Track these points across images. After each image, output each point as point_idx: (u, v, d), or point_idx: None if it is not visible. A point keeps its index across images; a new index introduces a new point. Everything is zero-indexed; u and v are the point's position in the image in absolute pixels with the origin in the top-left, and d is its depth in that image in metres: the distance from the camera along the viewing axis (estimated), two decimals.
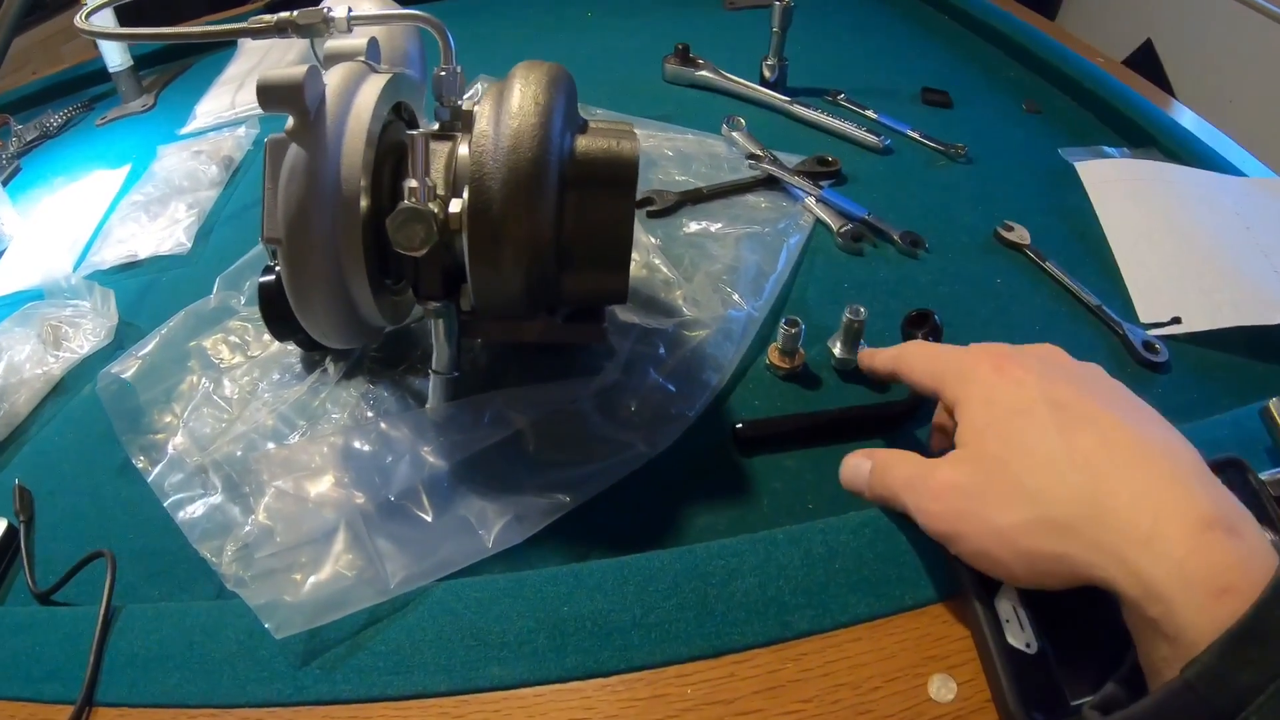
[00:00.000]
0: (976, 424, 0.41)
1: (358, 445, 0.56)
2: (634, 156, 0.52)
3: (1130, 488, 0.35)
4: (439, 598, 0.46)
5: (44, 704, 0.44)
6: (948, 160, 0.90)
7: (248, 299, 0.72)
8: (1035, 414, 0.39)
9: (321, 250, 0.48)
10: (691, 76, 1.04)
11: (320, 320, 0.51)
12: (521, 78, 0.51)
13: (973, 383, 0.43)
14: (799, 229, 0.77)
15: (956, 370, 0.45)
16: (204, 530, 0.54)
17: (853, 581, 0.45)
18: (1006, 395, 0.41)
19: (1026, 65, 1.09)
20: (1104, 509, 0.34)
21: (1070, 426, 0.38)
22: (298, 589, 0.47)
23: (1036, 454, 0.38)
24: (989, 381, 0.42)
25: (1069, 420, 0.38)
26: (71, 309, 0.74)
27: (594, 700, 0.41)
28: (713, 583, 0.45)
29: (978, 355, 0.44)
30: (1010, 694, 0.39)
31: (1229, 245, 0.73)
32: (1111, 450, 0.36)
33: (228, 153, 0.96)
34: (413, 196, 0.48)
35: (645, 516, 0.55)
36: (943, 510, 0.41)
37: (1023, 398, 0.40)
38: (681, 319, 0.66)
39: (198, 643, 0.46)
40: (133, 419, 0.63)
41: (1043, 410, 0.39)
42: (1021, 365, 0.42)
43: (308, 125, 0.47)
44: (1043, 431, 0.38)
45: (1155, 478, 0.35)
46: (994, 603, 0.42)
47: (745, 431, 0.59)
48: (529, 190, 0.48)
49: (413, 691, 0.42)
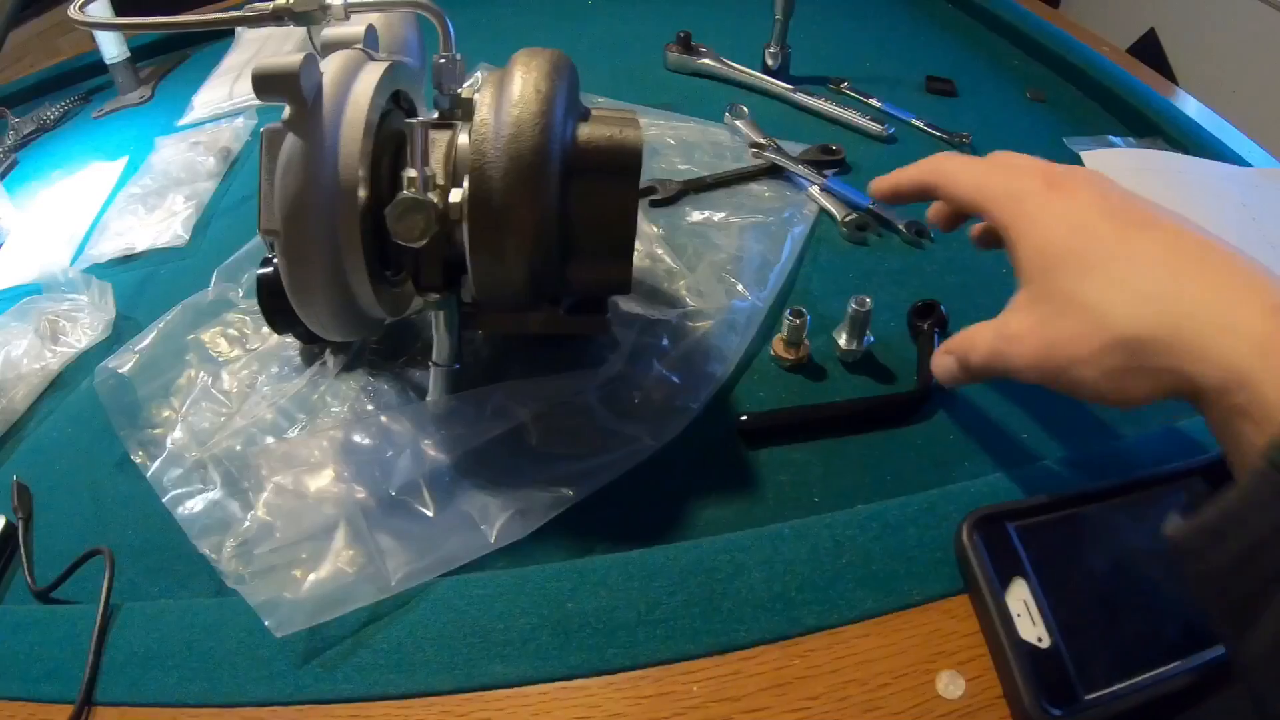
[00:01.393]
0: (1038, 255, 0.40)
1: (358, 439, 0.55)
2: (638, 144, 0.51)
3: (1200, 283, 0.34)
4: (441, 594, 0.46)
5: (43, 704, 0.44)
6: (953, 149, 0.89)
7: (246, 291, 0.71)
8: (1095, 229, 0.38)
9: (320, 241, 0.47)
10: (693, 65, 1.03)
11: (319, 312, 0.50)
12: (523, 65, 0.50)
13: (1026, 201, 0.41)
14: (803, 218, 0.76)
15: (1005, 188, 0.43)
16: (203, 526, 0.53)
17: (860, 577, 0.45)
18: (1063, 213, 0.40)
19: (1031, 54, 1.07)
20: (1178, 312, 0.34)
21: (1131, 233, 0.37)
22: (298, 586, 0.47)
23: (1104, 273, 0.37)
24: (1043, 200, 0.40)
25: (1128, 227, 0.37)
26: (69, 303, 0.73)
27: (599, 698, 0.41)
28: (719, 578, 0.45)
29: (1027, 170, 0.43)
30: (1024, 689, 0.38)
31: (1236, 236, 0.72)
32: (1174, 251, 0.36)
33: (226, 144, 0.95)
34: (412, 186, 0.47)
35: (650, 510, 0.54)
36: (1029, 359, 0.39)
37: (1079, 213, 0.39)
38: (685, 310, 0.66)
39: (197, 641, 0.45)
40: (131, 414, 0.62)
41: (1101, 223, 0.38)
42: (1072, 180, 0.41)
43: (305, 114, 0.46)
44: (1105, 245, 0.37)
45: (1223, 272, 0.34)
46: (1005, 597, 0.41)
47: (750, 423, 0.58)
48: (531, 179, 0.47)
49: (415, 690, 0.42)
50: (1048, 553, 0.43)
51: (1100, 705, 0.38)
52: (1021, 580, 0.42)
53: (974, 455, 0.56)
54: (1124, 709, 0.38)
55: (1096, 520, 0.45)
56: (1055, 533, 0.44)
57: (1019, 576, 0.42)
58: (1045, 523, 0.45)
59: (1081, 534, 0.44)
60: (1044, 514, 0.45)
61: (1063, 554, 0.43)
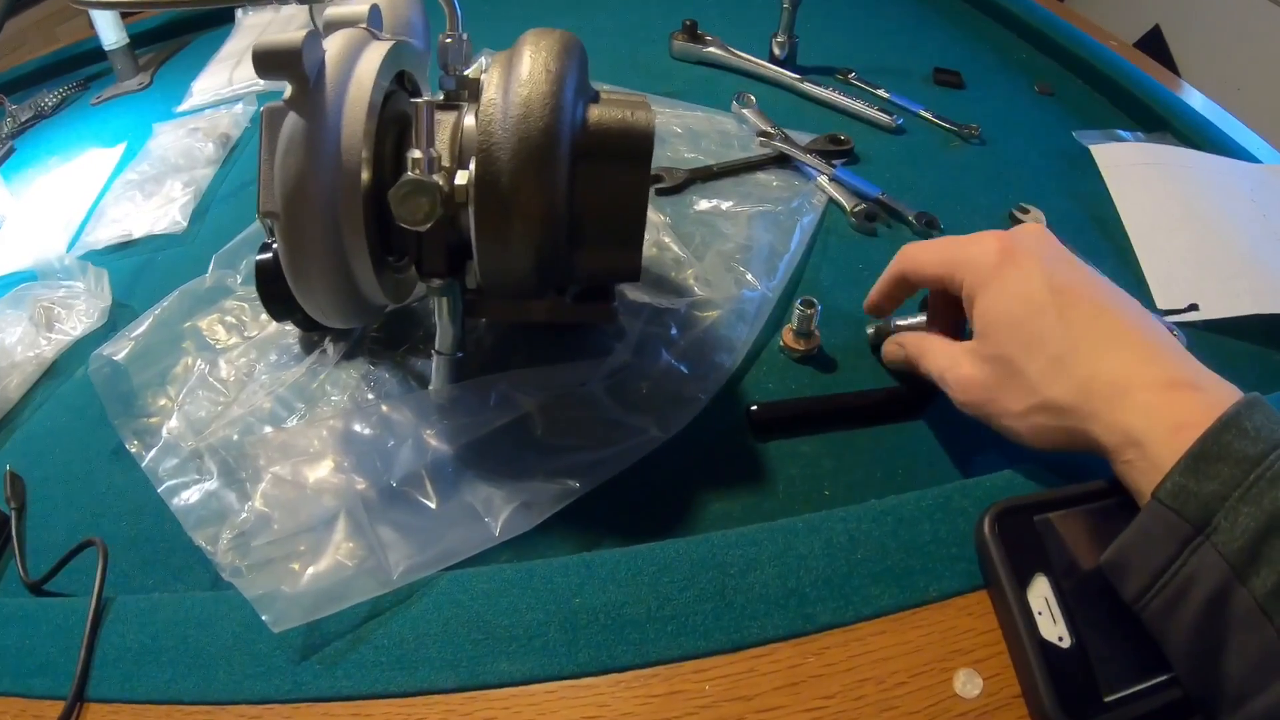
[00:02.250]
0: (991, 318, 0.47)
1: (358, 429, 0.54)
2: (649, 127, 0.50)
3: (1112, 360, 0.42)
4: (444, 589, 0.45)
5: (34, 699, 0.43)
6: (961, 141, 0.88)
7: (244, 278, 0.70)
8: (1041, 304, 0.45)
9: (321, 224, 0.46)
10: (699, 53, 1.01)
11: (319, 298, 0.49)
12: (531, 44, 0.49)
13: (984, 272, 0.48)
14: (812, 208, 0.75)
15: (966, 261, 0.50)
16: (199, 517, 0.52)
17: (875, 572, 0.44)
18: (1017, 286, 0.46)
19: (1038, 47, 1.07)
20: (1091, 385, 0.42)
21: (1066, 312, 0.44)
22: (296, 579, 0.45)
23: (1041, 349, 0.44)
24: (1001, 272, 0.47)
25: (1064, 306, 0.44)
26: (64, 290, 0.72)
27: (608, 697, 0.40)
28: (730, 573, 0.44)
29: (985, 244, 0.49)
30: (1044, 689, 0.38)
31: (1246, 232, 0.72)
32: (1097, 330, 0.44)
33: (225, 130, 0.94)
34: (416, 168, 0.46)
35: (658, 503, 0.53)
36: (968, 400, 0.49)
37: (1031, 287, 0.46)
38: (693, 299, 0.65)
39: (192, 636, 0.44)
40: (125, 402, 0.61)
41: (1046, 298, 0.45)
42: (1027, 253, 0.47)
43: (306, 93, 0.45)
44: (1046, 322, 0.44)
45: (1133, 350, 0.42)
46: (1026, 593, 0.40)
47: (760, 414, 0.57)
48: (540, 161, 0.46)
49: (417, 688, 0.41)
50: (1071, 549, 0.42)
51: (1121, 707, 0.37)
52: (1043, 576, 0.41)
53: (986, 450, 0.55)
54: (1144, 711, 0.38)
55: (1118, 515, 0.43)
56: (1077, 527, 0.43)
57: (1041, 572, 0.41)
58: (1070, 516, 0.43)
59: (1103, 529, 0.43)
60: (1069, 507, 0.44)
61: (1084, 550, 0.42)
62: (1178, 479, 0.37)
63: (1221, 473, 0.36)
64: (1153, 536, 0.37)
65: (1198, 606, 0.35)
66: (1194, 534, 0.36)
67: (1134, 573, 0.38)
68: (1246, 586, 0.34)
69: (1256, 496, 0.35)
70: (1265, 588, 0.34)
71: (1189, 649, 0.36)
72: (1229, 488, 0.35)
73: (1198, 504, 0.36)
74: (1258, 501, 0.35)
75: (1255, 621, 0.34)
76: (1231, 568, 0.35)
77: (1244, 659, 0.34)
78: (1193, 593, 0.36)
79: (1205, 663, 0.36)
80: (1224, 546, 0.35)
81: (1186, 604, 0.36)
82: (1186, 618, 0.36)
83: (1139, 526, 0.38)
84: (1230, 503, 0.35)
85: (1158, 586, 0.37)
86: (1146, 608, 0.38)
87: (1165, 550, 0.37)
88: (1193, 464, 0.36)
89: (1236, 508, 0.35)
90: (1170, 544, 0.36)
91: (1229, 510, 0.35)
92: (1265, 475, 0.35)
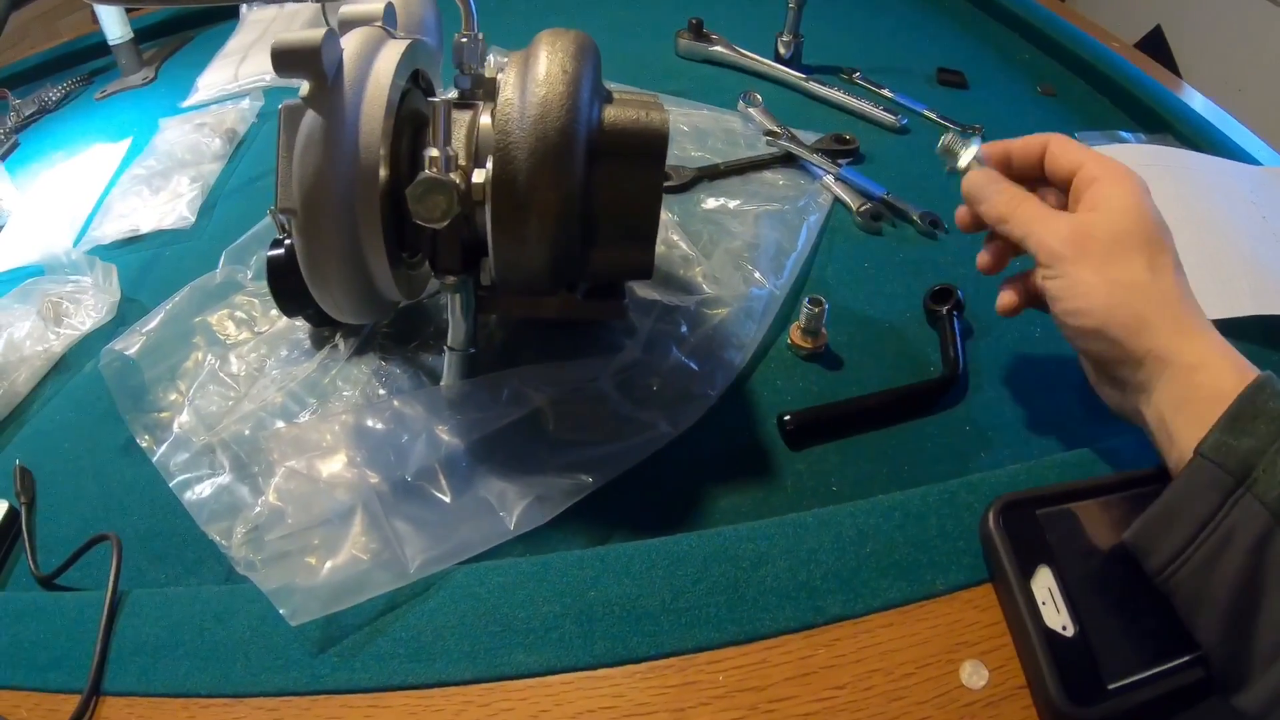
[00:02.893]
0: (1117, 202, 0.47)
1: (371, 423, 0.54)
2: (664, 127, 0.50)
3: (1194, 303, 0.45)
4: (461, 582, 0.45)
5: (49, 693, 0.43)
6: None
7: (255, 273, 0.70)
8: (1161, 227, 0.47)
9: (338, 220, 0.46)
10: (705, 52, 1.02)
11: (335, 293, 0.49)
12: (548, 45, 0.49)
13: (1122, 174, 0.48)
14: (818, 207, 0.76)
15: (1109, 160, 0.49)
16: (212, 512, 0.53)
17: (884, 566, 0.45)
18: (1148, 201, 0.47)
19: (1041, 48, 1.07)
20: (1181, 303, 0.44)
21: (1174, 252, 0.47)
22: (312, 573, 0.46)
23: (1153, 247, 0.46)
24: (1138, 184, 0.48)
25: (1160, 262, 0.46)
26: (72, 285, 0.72)
27: (624, 687, 0.40)
28: (743, 566, 0.44)
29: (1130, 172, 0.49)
30: (1049, 678, 0.38)
31: (1246, 234, 0.72)
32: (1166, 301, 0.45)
33: (231, 125, 0.94)
34: (434, 166, 0.46)
35: (668, 498, 0.54)
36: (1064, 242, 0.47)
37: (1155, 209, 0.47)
38: (702, 297, 0.65)
39: (208, 629, 0.45)
40: (136, 397, 0.61)
41: (1162, 229, 0.47)
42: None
43: (325, 91, 0.45)
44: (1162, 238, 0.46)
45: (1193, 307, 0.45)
46: (1030, 584, 0.41)
47: (792, 424, 0.57)
48: (557, 160, 0.46)
49: (436, 679, 0.41)
50: (1072, 540, 0.43)
51: (1124, 694, 0.38)
52: (1047, 568, 0.42)
53: (990, 447, 0.56)
54: (1147, 698, 0.38)
55: (1120, 509, 0.44)
56: (1080, 521, 0.44)
57: (1044, 564, 0.42)
58: (1070, 510, 0.44)
59: (1105, 522, 0.44)
60: (1070, 501, 0.45)
61: (1087, 542, 0.43)
62: (1218, 436, 0.39)
63: (1259, 429, 0.38)
64: (1198, 489, 0.39)
65: (1239, 558, 0.37)
66: (1235, 485, 0.37)
67: (1174, 530, 0.39)
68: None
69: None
70: None
71: (1227, 605, 0.37)
72: (1266, 442, 0.37)
73: (1237, 458, 0.38)
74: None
75: None
76: (1273, 515, 0.36)
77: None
78: (1235, 542, 0.37)
79: (1242, 618, 0.37)
80: (1264, 495, 0.37)
81: (1229, 555, 0.37)
82: (1228, 571, 0.37)
83: (1185, 480, 0.39)
84: (1269, 456, 0.37)
85: (1200, 540, 0.38)
86: (1179, 571, 0.39)
87: (1210, 501, 0.38)
88: (1232, 423, 0.39)
89: (1275, 460, 0.37)
90: (1214, 495, 0.38)
91: (1268, 463, 0.37)
92: None
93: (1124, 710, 0.38)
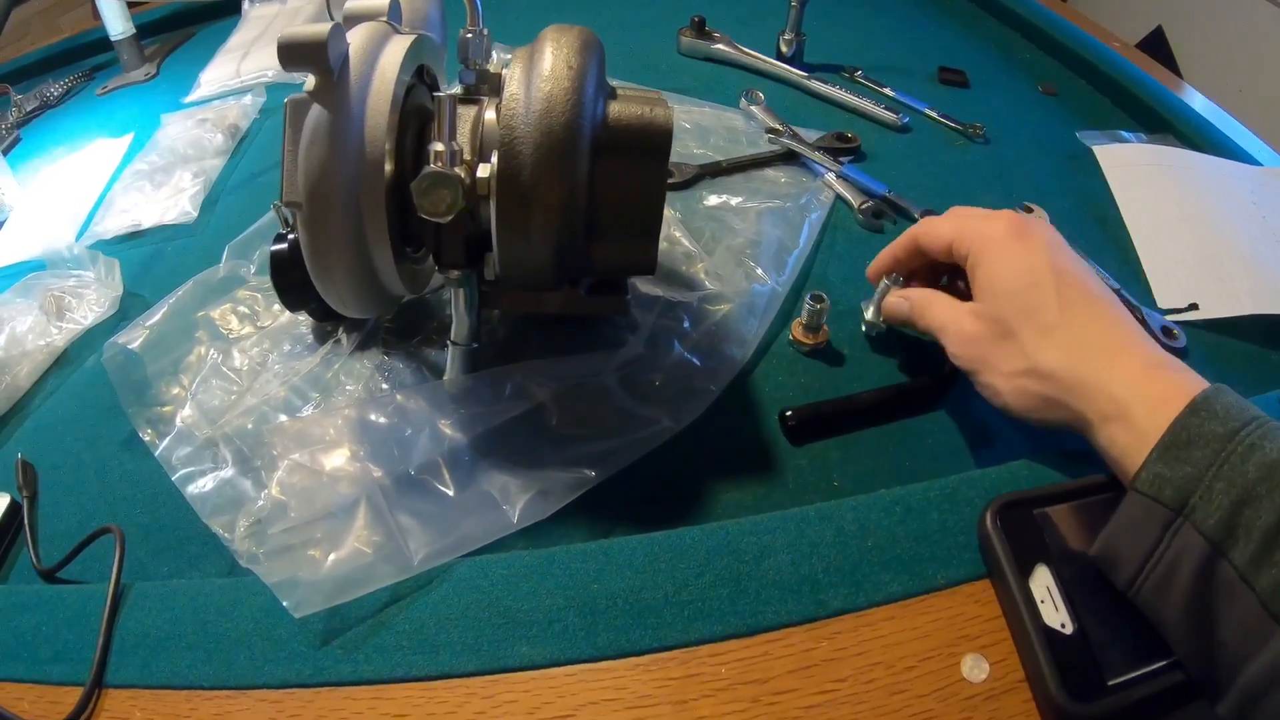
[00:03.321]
0: (995, 283, 0.50)
1: (374, 418, 0.55)
2: (668, 124, 0.50)
3: (1101, 340, 0.45)
4: (464, 575, 0.45)
5: (52, 685, 0.43)
6: (965, 140, 0.89)
7: (258, 268, 0.70)
8: (1041, 279, 0.48)
9: (343, 214, 0.46)
10: (707, 50, 1.02)
11: (339, 287, 0.49)
12: (553, 40, 0.49)
13: (994, 241, 0.51)
14: (820, 205, 0.76)
15: (978, 229, 0.52)
16: (215, 505, 0.53)
17: (886, 560, 0.45)
18: (1022, 259, 0.49)
19: (1042, 47, 1.07)
20: (1081, 357, 0.45)
21: (1064, 293, 0.47)
22: (316, 566, 0.46)
23: (1037, 318, 0.47)
24: (1009, 244, 0.50)
25: (1063, 288, 0.47)
26: (74, 279, 0.72)
27: (626, 680, 0.40)
28: (745, 560, 0.45)
29: (998, 218, 0.52)
30: (1049, 674, 0.39)
31: (1246, 234, 0.72)
32: (1090, 313, 0.46)
33: (234, 121, 0.94)
34: (439, 160, 0.46)
35: (670, 492, 0.54)
36: (965, 354, 0.51)
37: (1034, 262, 0.48)
38: (704, 292, 0.65)
39: (211, 622, 0.45)
40: (139, 391, 0.61)
41: (1047, 275, 0.48)
42: (1035, 233, 0.50)
43: (330, 85, 0.45)
44: (1044, 295, 0.47)
45: (1119, 335, 0.45)
46: (1029, 582, 0.41)
47: (795, 418, 0.57)
48: (562, 155, 0.46)
49: (439, 671, 0.41)
50: (1070, 539, 0.43)
51: (1124, 690, 0.38)
52: (1044, 566, 0.42)
53: (990, 443, 0.56)
54: (1146, 694, 0.39)
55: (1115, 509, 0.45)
56: (1077, 519, 0.44)
57: (1042, 562, 0.42)
58: (1067, 509, 0.45)
59: (1102, 521, 0.44)
60: (1067, 501, 0.45)
61: (1084, 541, 0.43)
62: (1153, 468, 0.39)
63: (1194, 456, 0.38)
64: (1135, 524, 0.39)
65: (1186, 584, 0.37)
66: (1173, 517, 0.38)
67: (1123, 561, 0.39)
68: (1227, 558, 0.36)
69: (1229, 473, 0.37)
70: (1244, 557, 0.35)
71: (1184, 627, 0.38)
72: (1202, 468, 0.37)
73: (1173, 488, 0.38)
74: (1229, 477, 0.37)
75: (1238, 590, 0.35)
76: (1211, 543, 0.36)
77: (1233, 629, 0.36)
78: (1180, 572, 0.37)
79: (1200, 639, 0.37)
80: (1202, 524, 0.37)
81: (1175, 583, 0.37)
82: (1177, 597, 0.37)
83: (1121, 516, 0.40)
84: (1205, 482, 0.37)
85: (1146, 570, 0.38)
86: (1139, 593, 0.39)
87: (1149, 535, 0.38)
88: (1165, 452, 0.39)
89: (1211, 486, 0.37)
90: (1152, 529, 0.38)
91: (1204, 489, 0.37)
92: (1236, 450, 0.37)
93: (1125, 705, 0.38)
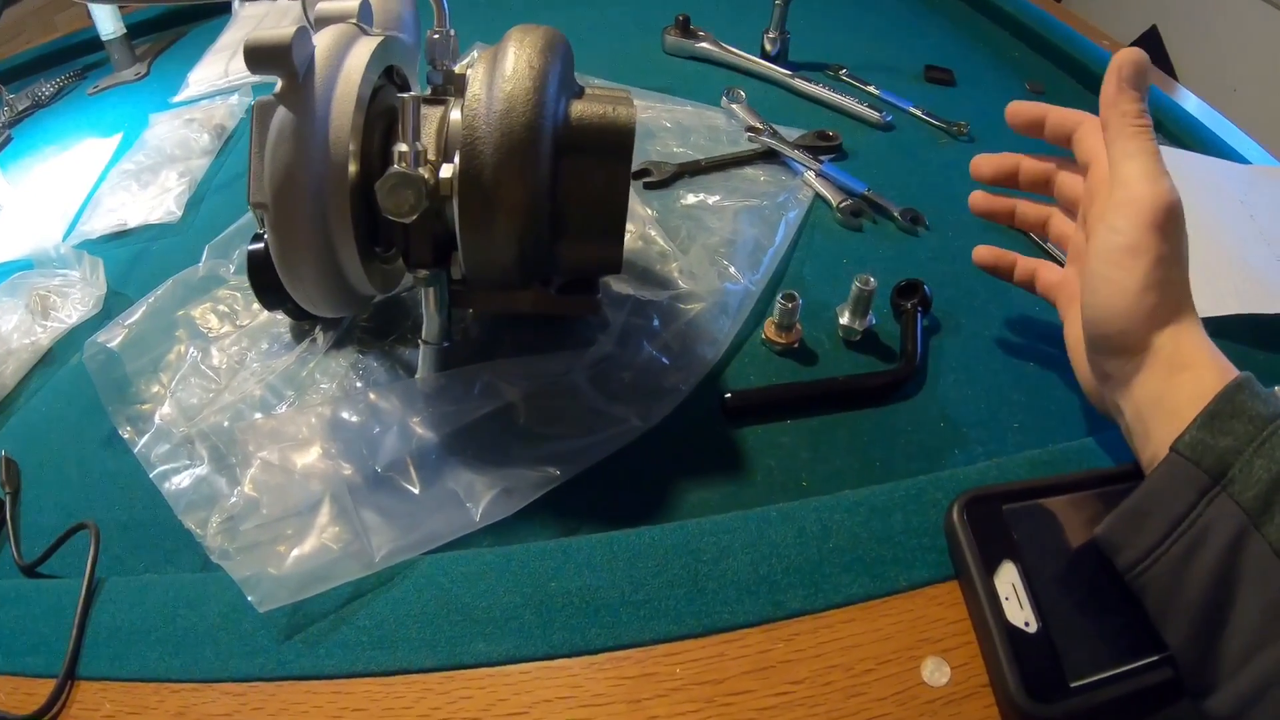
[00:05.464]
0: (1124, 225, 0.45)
1: (346, 416, 0.55)
2: (630, 123, 0.50)
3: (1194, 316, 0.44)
4: (425, 571, 0.46)
5: (26, 678, 0.44)
6: (950, 138, 0.89)
7: (237, 268, 0.71)
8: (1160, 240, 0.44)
9: (309, 215, 0.47)
10: (691, 48, 1.02)
11: (307, 287, 0.50)
12: (516, 41, 0.49)
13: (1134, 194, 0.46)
14: (798, 203, 0.76)
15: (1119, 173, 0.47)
16: (189, 502, 0.53)
17: (846, 561, 0.45)
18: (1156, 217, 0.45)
19: (1031, 46, 1.07)
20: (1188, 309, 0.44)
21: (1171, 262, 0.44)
22: (282, 562, 0.46)
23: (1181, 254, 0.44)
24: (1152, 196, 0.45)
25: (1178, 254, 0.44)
26: (60, 278, 0.73)
27: (581, 678, 0.41)
28: (704, 560, 0.45)
29: None
30: (1009, 674, 0.38)
31: (1234, 233, 0.72)
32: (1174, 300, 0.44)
33: (220, 121, 0.94)
34: (403, 161, 0.47)
35: (637, 491, 0.54)
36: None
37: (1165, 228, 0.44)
38: (677, 291, 0.65)
39: (180, 616, 0.45)
40: (119, 389, 0.62)
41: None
42: None
43: (296, 87, 0.46)
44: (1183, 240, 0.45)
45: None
46: (993, 579, 0.41)
47: (734, 401, 0.58)
48: (522, 155, 0.47)
49: (397, 667, 0.42)
50: (1038, 537, 0.43)
51: (1087, 692, 0.38)
52: (1010, 563, 0.42)
53: (963, 444, 0.56)
54: (1110, 697, 0.38)
55: (1088, 507, 0.45)
56: (1046, 517, 0.44)
57: (1008, 559, 0.42)
58: (1037, 507, 0.45)
59: (1073, 520, 0.44)
60: (1036, 498, 0.45)
61: (1053, 539, 0.43)
62: (1195, 433, 0.39)
63: (1236, 429, 0.38)
64: (1171, 487, 0.39)
65: (1211, 558, 0.37)
66: (1210, 484, 0.38)
67: (1146, 529, 0.39)
68: (1261, 532, 0.36)
69: (1269, 450, 0.37)
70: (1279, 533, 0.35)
71: (1198, 604, 0.37)
72: (1244, 442, 0.37)
73: (1215, 456, 0.38)
74: (1270, 454, 0.37)
75: (1269, 567, 0.35)
76: (1248, 515, 0.36)
77: (1257, 608, 0.36)
78: (1207, 543, 0.37)
79: (1212, 619, 0.37)
80: (1240, 495, 0.37)
81: (1199, 556, 0.37)
82: (1198, 572, 0.37)
83: (1157, 478, 0.40)
84: (1246, 456, 0.37)
85: (1171, 540, 0.38)
86: (1151, 569, 0.39)
87: (1183, 500, 0.38)
88: (1211, 420, 0.39)
89: (1251, 460, 0.37)
90: (1188, 494, 0.38)
91: (1244, 463, 0.37)
92: (1278, 431, 0.37)
93: (1087, 709, 0.38)
